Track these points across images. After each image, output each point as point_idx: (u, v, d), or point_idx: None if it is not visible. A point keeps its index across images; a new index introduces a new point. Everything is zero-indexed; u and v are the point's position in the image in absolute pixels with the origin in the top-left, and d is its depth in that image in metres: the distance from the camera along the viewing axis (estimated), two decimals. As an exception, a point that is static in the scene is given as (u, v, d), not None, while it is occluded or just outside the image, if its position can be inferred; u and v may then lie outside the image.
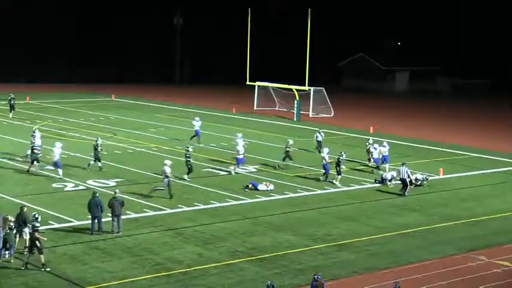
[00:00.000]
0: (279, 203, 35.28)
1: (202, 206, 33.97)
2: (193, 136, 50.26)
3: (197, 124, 50.67)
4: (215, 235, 29.61)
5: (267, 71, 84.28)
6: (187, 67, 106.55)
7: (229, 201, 34.92)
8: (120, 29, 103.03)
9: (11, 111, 61.39)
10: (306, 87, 67.11)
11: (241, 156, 41.43)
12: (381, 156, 43.46)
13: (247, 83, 72.23)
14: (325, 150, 41.17)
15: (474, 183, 41.65)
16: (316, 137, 48.11)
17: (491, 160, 48.85)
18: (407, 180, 37.91)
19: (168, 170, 35.04)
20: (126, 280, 24.27)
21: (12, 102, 61.61)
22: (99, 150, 40.72)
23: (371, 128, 60.63)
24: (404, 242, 29.62)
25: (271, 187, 37.25)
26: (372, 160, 44.00)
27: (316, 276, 21.33)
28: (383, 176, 40.00)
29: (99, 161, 40.79)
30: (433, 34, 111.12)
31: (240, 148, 41.59)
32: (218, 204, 34.39)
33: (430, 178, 40.87)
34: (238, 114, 69.45)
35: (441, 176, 42.65)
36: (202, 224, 31.14)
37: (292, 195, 36.87)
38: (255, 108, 72.98)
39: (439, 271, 26.07)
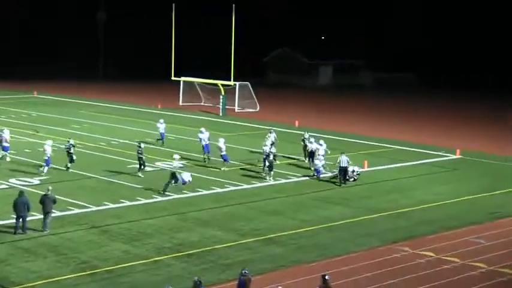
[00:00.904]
0: (206, 198, 35.21)
1: (128, 203, 33.64)
2: (159, 139, 49.30)
3: (161, 126, 49.60)
4: (141, 232, 29.37)
5: (193, 66, 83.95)
6: (111, 63, 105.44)
7: (155, 198, 34.68)
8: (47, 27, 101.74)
9: None
10: (232, 82, 67.09)
11: (224, 153, 41.76)
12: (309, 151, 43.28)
13: (173, 78, 71.77)
14: (268, 143, 41.79)
15: (398, 175, 42.36)
16: (268, 137, 46.25)
17: (415, 152, 49.73)
18: (349, 169, 38.54)
19: (176, 163, 36.53)
20: (51, 280, 23.87)
21: None
22: (72, 151, 40.11)
23: (296, 122, 61.04)
24: (330, 235, 29.91)
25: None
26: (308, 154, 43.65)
27: (243, 271, 21.33)
28: (316, 167, 40.03)
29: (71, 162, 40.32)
30: (357, 27, 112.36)
31: (222, 145, 41.65)
32: (145, 201, 34.12)
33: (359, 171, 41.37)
34: (164, 109, 68.95)
35: (366, 169, 43.20)
36: (128, 221, 30.85)
37: (219, 190, 36.85)
38: (180, 103, 72.62)
39: (365, 263, 26.42)
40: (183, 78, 73.18)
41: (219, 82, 68.60)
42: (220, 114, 66.71)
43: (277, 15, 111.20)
